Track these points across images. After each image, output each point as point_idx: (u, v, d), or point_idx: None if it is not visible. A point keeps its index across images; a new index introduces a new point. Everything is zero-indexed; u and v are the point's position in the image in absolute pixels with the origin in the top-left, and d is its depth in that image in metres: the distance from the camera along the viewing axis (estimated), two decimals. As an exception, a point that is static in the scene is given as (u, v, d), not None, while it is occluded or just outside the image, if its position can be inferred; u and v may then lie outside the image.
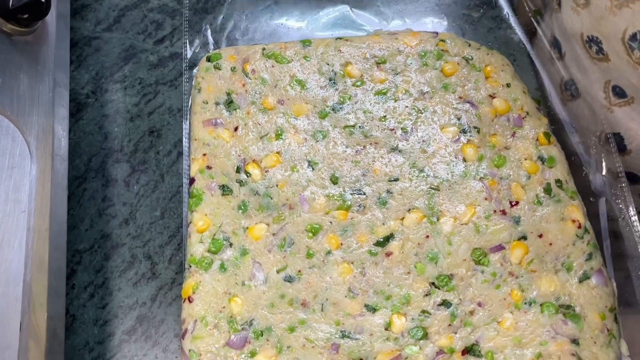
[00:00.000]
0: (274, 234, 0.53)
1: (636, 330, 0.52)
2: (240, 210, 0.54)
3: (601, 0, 0.52)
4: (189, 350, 0.50)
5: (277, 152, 0.56)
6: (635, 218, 0.54)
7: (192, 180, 0.55)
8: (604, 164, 0.56)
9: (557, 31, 0.59)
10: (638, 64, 0.50)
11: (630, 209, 0.54)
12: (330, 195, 0.55)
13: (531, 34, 0.64)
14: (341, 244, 0.53)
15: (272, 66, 0.59)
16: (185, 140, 0.58)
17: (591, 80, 0.56)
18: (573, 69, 0.58)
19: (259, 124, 0.57)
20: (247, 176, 0.55)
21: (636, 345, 0.51)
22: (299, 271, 0.52)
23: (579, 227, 0.53)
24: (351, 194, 0.55)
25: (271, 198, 0.55)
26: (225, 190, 0.55)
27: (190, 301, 0.51)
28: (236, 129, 0.57)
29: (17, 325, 0.42)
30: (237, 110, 0.58)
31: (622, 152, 0.55)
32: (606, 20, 0.52)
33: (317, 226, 0.53)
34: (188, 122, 0.59)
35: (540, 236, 0.53)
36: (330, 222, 0.54)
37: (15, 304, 0.43)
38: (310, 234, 0.53)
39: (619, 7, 0.50)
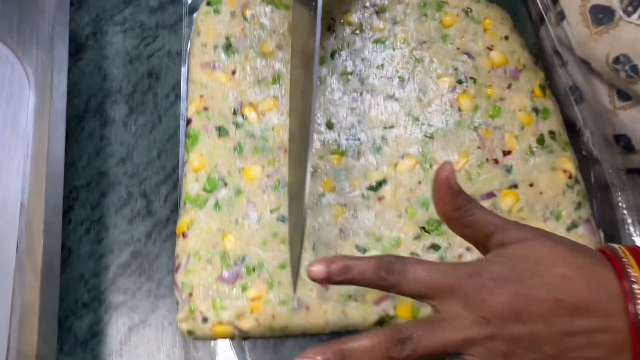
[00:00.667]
0: (268, 176, 0.54)
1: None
2: (236, 152, 0.55)
3: (580, 28, 0.53)
4: (182, 283, 0.51)
5: (274, 97, 0.57)
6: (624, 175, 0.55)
7: (188, 121, 0.56)
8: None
9: (557, 43, 0.60)
10: (627, 83, 0.51)
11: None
12: (326, 140, 0.55)
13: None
14: (334, 187, 0.54)
15: (272, 11, 0.59)
16: (183, 84, 0.58)
17: (594, 86, 0.57)
18: (575, 76, 0.59)
19: (257, 69, 0.58)
20: (244, 119, 0.56)
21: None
22: (292, 211, 0.53)
23: (570, 177, 0.54)
24: (346, 140, 0.56)
25: (267, 141, 0.55)
26: (221, 131, 0.55)
27: (184, 237, 0.52)
28: (234, 72, 0.58)
29: (14, 246, 0.43)
30: (236, 54, 0.58)
31: (631, 152, 0.56)
32: (588, 46, 0.53)
33: (312, 169, 0.54)
34: (187, 66, 0.59)
35: (531, 185, 0.54)
36: (325, 166, 0.55)
37: (12, 225, 0.44)
38: (305, 177, 0.54)
39: (599, 34, 0.51)
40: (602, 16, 0.51)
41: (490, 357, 0.35)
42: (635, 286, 0.35)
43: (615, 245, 0.38)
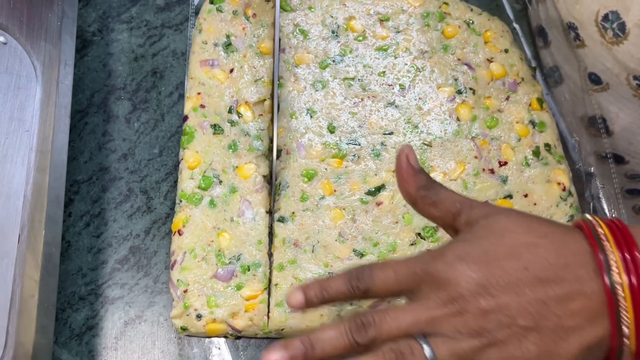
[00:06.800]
0: (264, 176, 0.55)
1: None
2: (231, 150, 0.56)
3: None
4: (177, 280, 0.51)
5: (271, 97, 0.58)
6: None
7: (185, 118, 0.57)
8: (588, 146, 0.58)
9: (543, 21, 0.61)
10: (611, 44, 0.52)
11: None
12: (327, 143, 0.56)
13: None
14: (334, 191, 0.55)
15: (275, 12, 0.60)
16: (187, 83, 0.59)
17: (572, 68, 0.58)
18: (557, 56, 0.60)
19: (254, 68, 0.59)
20: (239, 117, 0.57)
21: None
22: (293, 213, 0.54)
23: (564, 189, 0.55)
24: (347, 144, 0.56)
25: (262, 141, 0.56)
26: (216, 129, 0.56)
27: (180, 234, 0.53)
28: (232, 70, 0.59)
29: (15, 237, 0.44)
30: (235, 52, 0.59)
31: (608, 134, 0.57)
32: (580, 4, 0.54)
33: (313, 172, 0.55)
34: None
35: (526, 196, 0.55)
36: (325, 169, 0.55)
37: (15, 216, 0.44)
38: (306, 179, 0.55)
39: None
40: None
41: (461, 337, 0.33)
42: (610, 256, 0.33)
43: (590, 217, 0.36)
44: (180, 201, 0.54)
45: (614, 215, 0.56)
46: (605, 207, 0.55)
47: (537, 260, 0.33)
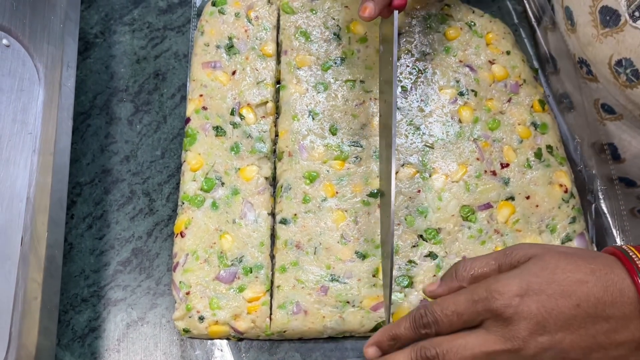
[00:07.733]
0: (266, 178, 0.55)
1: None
2: (233, 152, 0.56)
3: (587, 28, 0.54)
4: (180, 282, 0.51)
5: (272, 99, 0.58)
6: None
7: (187, 120, 0.57)
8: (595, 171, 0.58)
9: (552, 48, 0.62)
10: (624, 86, 0.52)
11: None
12: (329, 145, 0.56)
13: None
14: (337, 192, 0.55)
15: (278, 15, 0.61)
16: (189, 85, 0.59)
17: (583, 96, 0.59)
18: (567, 83, 0.60)
19: (257, 70, 0.59)
20: (241, 119, 0.57)
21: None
22: (295, 214, 0.54)
23: (566, 191, 0.55)
24: (349, 146, 0.56)
25: (264, 143, 0.56)
26: (219, 131, 0.56)
27: (182, 236, 0.53)
28: (234, 72, 0.59)
29: (18, 239, 0.44)
30: (237, 54, 0.59)
31: (617, 160, 0.58)
32: (593, 47, 0.54)
33: (315, 174, 0.55)
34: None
35: (528, 198, 0.55)
36: (327, 171, 0.55)
37: (18, 218, 0.44)
38: (308, 181, 0.55)
39: (604, 36, 0.52)
40: (609, 18, 0.52)
41: None
42: None
43: (624, 246, 0.39)
44: (183, 203, 0.54)
45: (615, 217, 0.56)
46: (606, 210, 0.55)
47: (588, 297, 0.37)
